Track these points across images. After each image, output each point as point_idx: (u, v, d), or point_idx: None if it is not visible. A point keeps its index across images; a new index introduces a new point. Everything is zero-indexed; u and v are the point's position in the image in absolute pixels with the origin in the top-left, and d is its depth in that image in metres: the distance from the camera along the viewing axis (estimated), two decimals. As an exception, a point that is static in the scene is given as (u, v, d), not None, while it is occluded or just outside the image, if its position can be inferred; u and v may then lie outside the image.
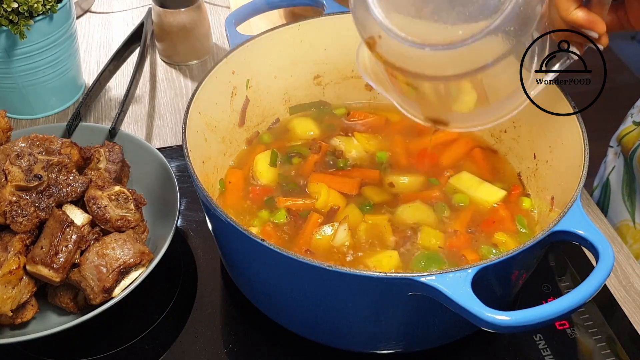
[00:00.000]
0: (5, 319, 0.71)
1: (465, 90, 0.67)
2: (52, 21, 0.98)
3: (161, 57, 1.21)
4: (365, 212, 0.79)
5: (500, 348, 0.76)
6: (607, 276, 0.56)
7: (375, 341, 0.71)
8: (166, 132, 1.06)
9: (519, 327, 0.54)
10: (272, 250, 0.59)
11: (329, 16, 0.88)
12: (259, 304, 0.75)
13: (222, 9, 1.35)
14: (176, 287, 0.82)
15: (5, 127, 0.85)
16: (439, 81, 0.65)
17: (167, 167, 0.85)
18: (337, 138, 0.90)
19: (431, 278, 0.56)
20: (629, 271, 0.84)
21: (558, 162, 0.77)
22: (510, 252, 0.59)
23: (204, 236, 0.88)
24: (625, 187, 1.02)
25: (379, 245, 0.76)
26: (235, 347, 0.76)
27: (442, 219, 0.79)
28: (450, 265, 0.74)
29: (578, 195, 0.63)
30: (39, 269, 0.71)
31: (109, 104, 1.11)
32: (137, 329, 0.77)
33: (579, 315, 0.78)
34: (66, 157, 0.79)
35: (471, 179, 0.83)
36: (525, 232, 0.78)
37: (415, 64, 0.62)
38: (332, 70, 0.94)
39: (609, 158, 1.09)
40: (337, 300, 0.65)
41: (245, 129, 0.90)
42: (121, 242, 0.74)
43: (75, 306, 0.75)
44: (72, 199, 0.77)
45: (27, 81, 1.02)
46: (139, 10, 1.34)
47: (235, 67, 0.84)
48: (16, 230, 0.73)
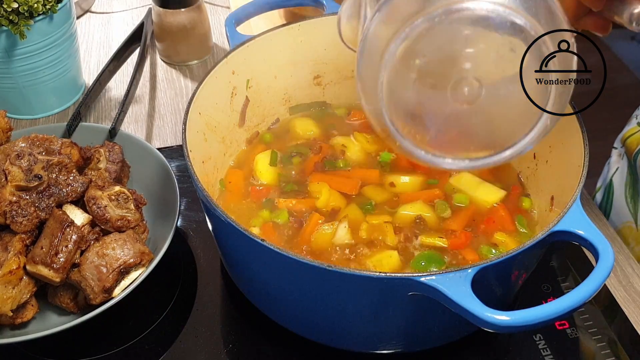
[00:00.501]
0: (5, 319, 0.71)
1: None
2: (52, 21, 0.98)
3: (161, 57, 1.21)
4: (366, 212, 0.79)
5: (500, 348, 0.76)
6: (607, 276, 0.56)
7: (375, 341, 0.71)
8: (166, 132, 1.06)
9: (519, 327, 0.54)
10: (272, 250, 0.59)
11: (329, 16, 0.88)
12: (259, 304, 0.75)
13: (222, 9, 1.35)
14: (176, 287, 0.82)
15: (5, 127, 0.85)
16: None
17: (167, 167, 0.85)
18: (337, 138, 0.90)
19: (431, 278, 0.56)
20: (629, 271, 0.84)
21: (558, 162, 0.77)
22: (510, 252, 0.59)
23: (204, 236, 0.88)
24: (628, 189, 1.02)
25: (379, 245, 0.76)
26: (235, 347, 0.76)
27: (442, 218, 0.79)
28: (450, 265, 0.74)
29: (578, 195, 0.63)
30: (39, 269, 0.71)
31: (109, 104, 1.11)
32: (137, 329, 0.78)
33: (579, 315, 0.78)
34: (66, 157, 0.79)
35: (471, 179, 0.83)
36: (525, 232, 0.78)
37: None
38: (332, 70, 0.94)
39: (613, 159, 1.09)
40: (337, 300, 0.65)
41: (245, 129, 0.90)
42: (121, 242, 0.74)
43: (75, 306, 0.75)
44: (72, 199, 0.77)
45: (27, 81, 1.02)
46: (139, 10, 1.34)
47: (235, 67, 0.84)
48: (16, 230, 0.73)
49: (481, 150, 0.63)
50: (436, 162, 0.63)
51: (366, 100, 0.62)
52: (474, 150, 0.64)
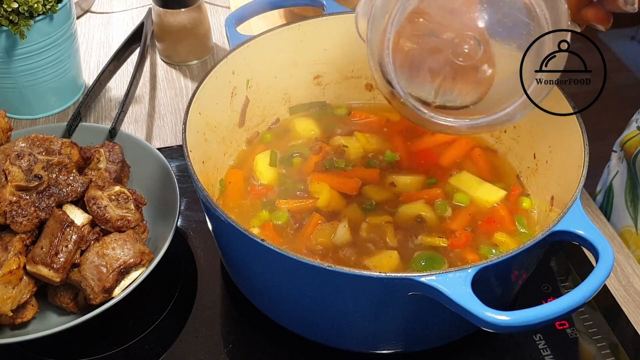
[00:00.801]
0: (5, 319, 0.71)
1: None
2: (52, 21, 0.98)
3: (161, 57, 1.21)
4: (367, 212, 0.79)
5: (500, 348, 0.76)
6: (607, 276, 0.56)
7: (375, 341, 0.71)
8: (166, 132, 1.06)
9: (519, 327, 0.54)
10: (272, 250, 0.59)
11: (329, 16, 0.88)
12: (259, 304, 0.75)
13: (222, 9, 1.35)
14: (176, 287, 0.82)
15: (5, 127, 0.85)
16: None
17: (167, 167, 0.85)
18: (337, 138, 0.90)
19: (431, 278, 0.56)
20: (629, 271, 0.84)
21: (558, 162, 0.77)
22: (510, 252, 0.59)
23: (204, 236, 0.88)
24: (628, 193, 1.02)
25: (379, 245, 0.76)
26: (235, 347, 0.76)
27: (442, 218, 0.79)
28: (450, 265, 0.74)
29: (578, 195, 0.63)
30: (39, 269, 0.71)
31: (109, 104, 1.11)
32: (137, 329, 0.78)
33: (579, 315, 0.78)
34: (66, 157, 0.79)
35: (471, 179, 0.83)
36: (525, 232, 0.78)
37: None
38: (332, 70, 0.94)
39: (612, 163, 1.08)
40: (337, 300, 0.65)
41: (245, 129, 0.90)
42: (121, 242, 0.74)
43: (75, 306, 0.75)
44: (72, 199, 0.77)
45: (27, 81, 1.02)
46: (139, 10, 1.34)
47: (235, 67, 0.84)
48: (16, 230, 0.73)
49: (477, 113, 0.66)
50: (438, 120, 0.66)
51: (374, 61, 0.66)
52: (471, 112, 0.67)
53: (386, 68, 0.64)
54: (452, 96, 0.67)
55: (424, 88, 0.67)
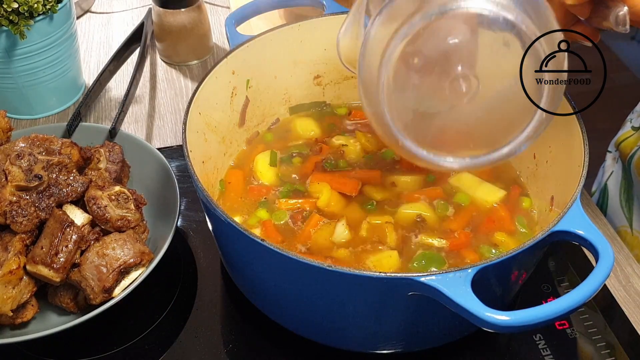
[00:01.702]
0: (5, 319, 0.71)
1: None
2: (52, 21, 0.98)
3: (161, 57, 1.21)
4: (368, 212, 0.79)
5: (500, 348, 0.76)
6: (607, 276, 0.56)
7: (375, 341, 0.71)
8: (166, 132, 1.06)
9: (519, 327, 0.55)
10: (272, 250, 0.59)
11: (329, 16, 0.88)
12: (259, 304, 0.75)
13: (222, 9, 1.35)
14: (176, 287, 0.82)
15: (5, 127, 0.85)
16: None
17: (167, 167, 0.85)
18: (337, 138, 0.90)
19: (431, 278, 0.56)
20: (628, 271, 0.84)
21: (558, 162, 0.77)
22: (510, 252, 0.59)
23: (204, 236, 0.88)
24: (623, 193, 1.02)
25: (379, 245, 0.76)
26: (235, 347, 0.76)
27: (442, 218, 0.79)
28: (450, 265, 0.74)
29: (578, 195, 0.63)
30: (39, 269, 0.71)
31: (109, 104, 1.11)
32: (137, 329, 0.78)
33: (579, 315, 0.78)
34: (66, 157, 0.79)
35: (471, 179, 0.83)
36: (525, 232, 0.78)
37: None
38: (332, 70, 0.94)
39: (607, 163, 1.08)
40: (337, 300, 0.65)
41: (245, 129, 0.90)
42: (121, 242, 0.74)
43: (75, 306, 0.75)
44: (72, 199, 0.77)
45: (27, 81, 1.02)
46: (139, 10, 1.34)
47: (235, 67, 0.84)
48: (16, 230, 0.73)
49: (480, 148, 0.64)
50: (437, 161, 0.64)
51: (368, 102, 0.63)
52: (473, 148, 0.65)
53: (382, 116, 0.62)
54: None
55: (423, 130, 0.65)
